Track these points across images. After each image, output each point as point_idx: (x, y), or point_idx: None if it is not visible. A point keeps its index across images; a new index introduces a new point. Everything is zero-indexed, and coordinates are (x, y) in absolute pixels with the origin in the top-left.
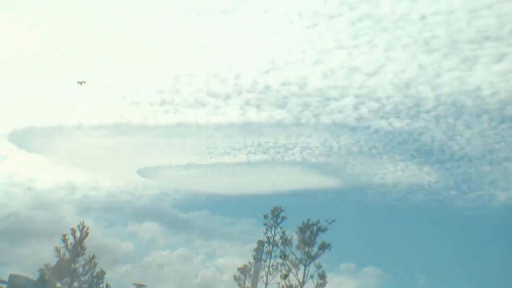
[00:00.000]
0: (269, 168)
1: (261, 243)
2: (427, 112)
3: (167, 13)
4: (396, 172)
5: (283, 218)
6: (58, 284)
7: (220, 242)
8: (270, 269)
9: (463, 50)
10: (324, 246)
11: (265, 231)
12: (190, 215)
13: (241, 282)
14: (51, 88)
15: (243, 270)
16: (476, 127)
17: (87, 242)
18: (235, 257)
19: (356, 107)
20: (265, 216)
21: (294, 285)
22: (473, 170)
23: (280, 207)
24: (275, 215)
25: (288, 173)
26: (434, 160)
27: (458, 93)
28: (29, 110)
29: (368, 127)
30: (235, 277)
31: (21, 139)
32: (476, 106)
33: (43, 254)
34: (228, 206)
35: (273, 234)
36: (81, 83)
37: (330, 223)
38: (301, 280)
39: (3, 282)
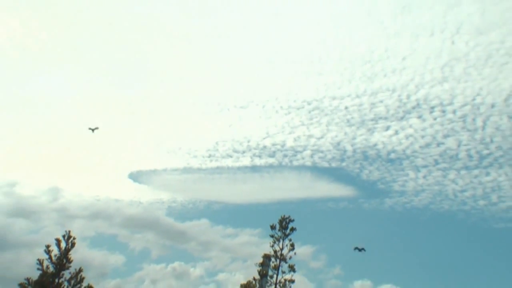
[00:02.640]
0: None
1: (267, 257)
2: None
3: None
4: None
5: (292, 229)
6: None
7: (220, 255)
8: (278, 286)
9: None
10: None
11: (271, 243)
12: (187, 224)
13: None
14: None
15: (247, 287)
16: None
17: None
18: (237, 272)
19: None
20: (272, 227)
21: None
22: (504, 178)
23: (289, 217)
24: (283, 226)
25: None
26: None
27: None
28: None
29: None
30: None
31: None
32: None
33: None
34: (229, 215)
35: (281, 247)
36: (93, 129)
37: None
38: None
39: None
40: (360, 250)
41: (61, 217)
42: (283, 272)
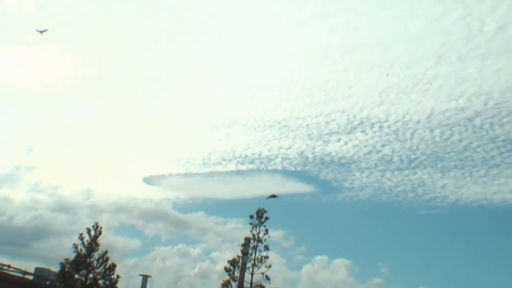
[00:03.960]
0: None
1: (247, 240)
2: None
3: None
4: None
5: (266, 218)
6: (76, 276)
7: (213, 238)
8: (256, 261)
9: None
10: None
11: (251, 229)
12: (188, 216)
13: (231, 272)
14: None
15: (233, 262)
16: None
17: (100, 240)
18: (226, 251)
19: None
20: (251, 217)
21: None
22: (427, 176)
23: (263, 209)
24: (259, 216)
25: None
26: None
27: None
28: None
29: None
30: (226, 269)
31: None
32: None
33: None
34: (220, 209)
35: (257, 232)
36: (41, 32)
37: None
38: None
39: (30, 274)
40: (273, 197)
41: (92, 211)
42: (260, 251)
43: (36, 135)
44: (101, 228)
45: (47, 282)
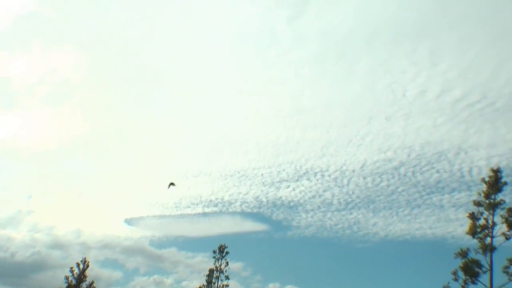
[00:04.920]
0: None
1: (211, 271)
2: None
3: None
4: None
5: (227, 252)
6: None
7: (184, 270)
8: None
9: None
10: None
11: (214, 262)
12: (162, 251)
13: None
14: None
15: None
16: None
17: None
18: (194, 280)
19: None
20: (214, 252)
21: None
22: (361, 216)
23: (224, 245)
24: (221, 251)
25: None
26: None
27: None
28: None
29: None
30: None
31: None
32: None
33: None
34: (189, 245)
35: (220, 264)
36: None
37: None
38: None
39: None
40: (172, 185)
41: (82, 248)
42: (222, 280)
43: (35, 184)
44: (88, 262)
45: None
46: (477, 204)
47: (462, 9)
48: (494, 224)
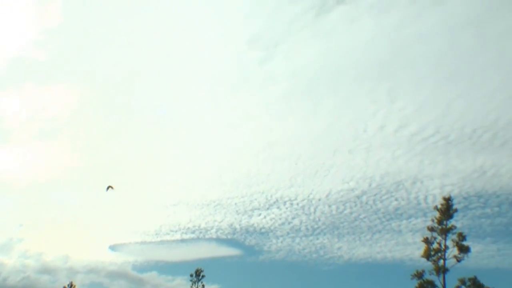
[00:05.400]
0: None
1: None
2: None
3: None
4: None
5: (203, 276)
6: None
7: None
8: None
9: None
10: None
11: (191, 285)
12: (144, 275)
13: None
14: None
15: None
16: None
17: None
18: None
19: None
20: (191, 275)
21: None
22: (326, 241)
23: (200, 269)
24: (198, 274)
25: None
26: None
27: None
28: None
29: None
30: None
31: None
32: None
33: None
34: (169, 269)
35: (197, 286)
36: (109, 187)
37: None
38: None
39: None
40: (110, 188)
41: (69, 273)
42: None
43: (26, 214)
44: (75, 286)
45: None
46: (431, 229)
47: (416, 53)
48: (446, 247)
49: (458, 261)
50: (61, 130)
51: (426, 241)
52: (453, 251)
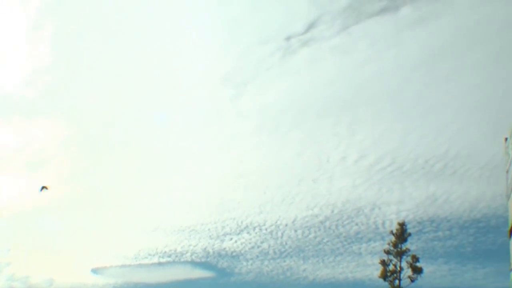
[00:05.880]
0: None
1: None
2: None
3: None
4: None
5: None
6: None
7: None
8: None
9: None
10: None
11: None
12: None
13: None
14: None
15: None
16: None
17: None
18: None
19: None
20: None
21: None
22: (293, 263)
23: None
24: None
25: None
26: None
27: None
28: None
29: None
30: None
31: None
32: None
33: None
34: None
35: None
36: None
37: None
38: None
39: None
40: (44, 188)
41: None
42: None
43: (13, 239)
44: None
45: None
46: (387, 252)
47: (374, 91)
48: (401, 269)
49: (412, 281)
50: (47, 161)
51: (383, 263)
52: (407, 272)
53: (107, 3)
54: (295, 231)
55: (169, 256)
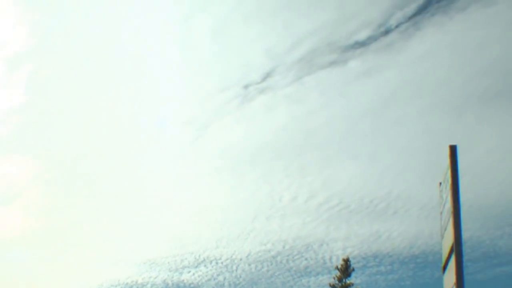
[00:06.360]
0: None
1: None
2: None
3: None
4: None
5: None
6: None
7: None
8: None
9: None
10: None
11: None
12: None
13: None
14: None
15: None
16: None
17: None
18: None
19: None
20: None
21: None
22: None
23: None
24: None
25: None
26: None
27: None
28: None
29: None
30: None
31: None
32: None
33: None
34: None
35: None
36: None
37: None
38: None
39: None
40: None
41: None
42: None
43: None
44: None
45: None
46: (333, 286)
47: (323, 136)
48: None
49: None
50: (19, 196)
51: None
52: None
53: (80, 51)
54: (249, 265)
55: (131, 287)
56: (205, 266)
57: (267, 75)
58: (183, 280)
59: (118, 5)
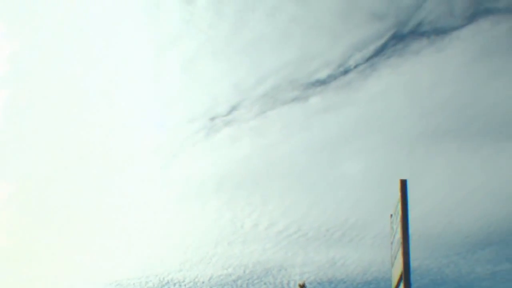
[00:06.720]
0: None
1: None
2: None
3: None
4: None
5: None
6: None
7: None
8: None
9: None
10: None
11: None
12: None
13: None
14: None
15: None
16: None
17: None
18: None
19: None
20: None
21: None
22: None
23: None
24: None
25: None
26: None
27: None
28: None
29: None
30: None
31: None
32: None
33: None
34: None
35: None
36: None
37: None
38: None
39: None
40: None
41: None
42: None
43: None
44: None
45: None
46: None
47: (284, 168)
48: None
49: None
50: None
51: None
52: None
53: (54, 80)
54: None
55: None
56: None
57: (232, 108)
58: None
59: (95, 41)
